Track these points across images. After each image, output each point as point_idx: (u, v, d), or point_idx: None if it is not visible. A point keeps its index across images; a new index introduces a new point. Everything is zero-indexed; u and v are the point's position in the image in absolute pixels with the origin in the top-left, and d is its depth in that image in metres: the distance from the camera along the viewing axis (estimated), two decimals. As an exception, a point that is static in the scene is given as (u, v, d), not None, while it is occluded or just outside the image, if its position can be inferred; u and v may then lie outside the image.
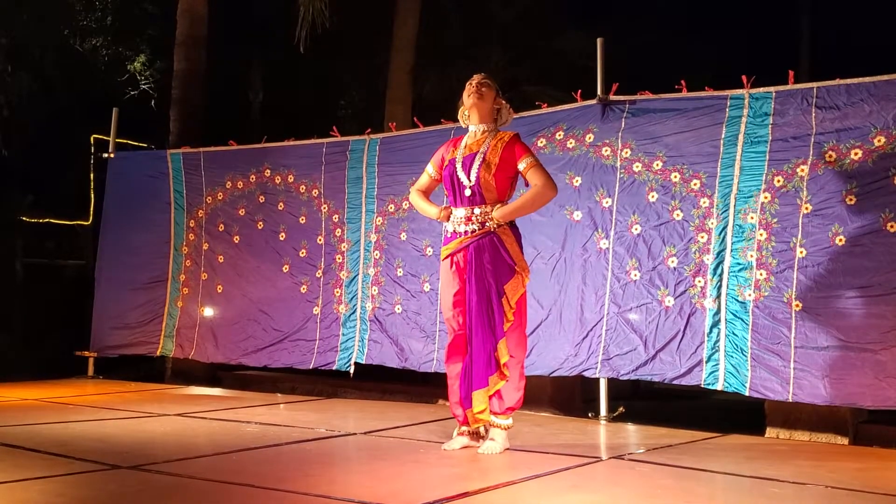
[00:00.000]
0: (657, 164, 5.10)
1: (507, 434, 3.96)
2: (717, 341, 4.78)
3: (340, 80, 12.06)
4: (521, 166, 3.92)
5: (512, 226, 3.98)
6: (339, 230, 6.45)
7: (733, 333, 4.74)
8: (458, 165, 3.99)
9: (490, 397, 3.91)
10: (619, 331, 5.07)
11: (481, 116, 4.05)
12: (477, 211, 3.93)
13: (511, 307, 3.87)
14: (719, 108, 4.95)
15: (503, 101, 4.11)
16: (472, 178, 3.93)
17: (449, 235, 4.04)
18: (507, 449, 3.93)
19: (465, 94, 4.07)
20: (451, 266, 3.99)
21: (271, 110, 12.10)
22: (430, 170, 4.22)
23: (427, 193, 4.25)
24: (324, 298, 6.42)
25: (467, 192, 3.95)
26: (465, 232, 3.94)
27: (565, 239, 5.36)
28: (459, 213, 3.98)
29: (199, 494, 3.17)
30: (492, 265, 3.88)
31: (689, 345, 4.85)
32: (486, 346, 3.86)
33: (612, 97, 5.31)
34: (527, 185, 3.96)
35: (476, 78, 4.08)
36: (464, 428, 4.00)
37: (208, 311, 6.98)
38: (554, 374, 5.29)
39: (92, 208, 9.67)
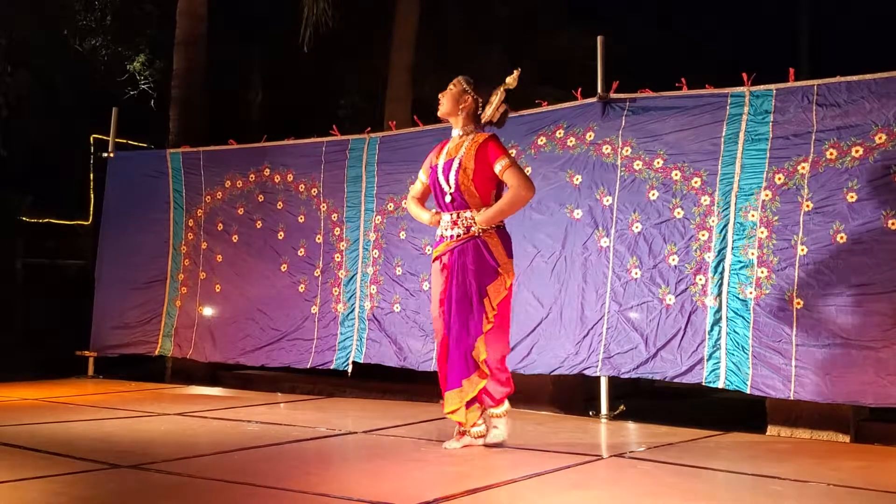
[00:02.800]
0: (658, 162, 5.10)
1: (508, 418, 4.01)
2: (718, 339, 4.77)
3: (340, 79, 12.04)
4: (497, 169, 3.91)
5: (499, 230, 3.98)
6: (337, 229, 6.44)
7: (734, 331, 4.73)
8: (440, 172, 4.03)
9: (480, 395, 3.92)
10: (620, 329, 5.06)
11: (452, 121, 4.08)
12: (464, 215, 3.96)
13: (493, 308, 3.89)
14: (720, 105, 4.94)
15: (472, 97, 4.01)
16: (452, 184, 3.95)
17: (438, 239, 4.08)
18: (506, 442, 3.97)
19: None
20: (440, 267, 4.03)
21: (271, 109, 12.09)
22: (422, 176, 4.26)
23: (422, 200, 4.27)
24: (322, 297, 6.41)
25: (448, 199, 3.99)
26: (452, 236, 3.98)
27: (566, 237, 5.35)
28: (446, 217, 4.02)
29: (200, 493, 3.16)
30: (475, 266, 3.90)
31: (689, 343, 4.84)
32: (461, 347, 3.88)
33: (613, 95, 5.30)
34: (506, 185, 3.96)
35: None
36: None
37: (207, 311, 6.97)
38: (554, 373, 5.28)
39: (92, 208, 9.67)
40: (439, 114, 4.13)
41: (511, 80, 4.03)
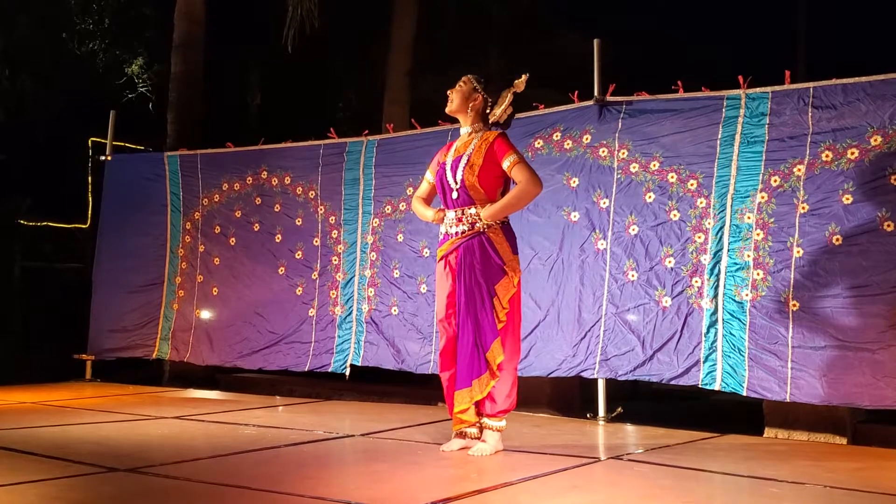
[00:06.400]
0: (654, 165, 5.11)
1: (500, 436, 3.94)
2: (715, 341, 4.78)
3: (338, 82, 12.05)
4: (505, 165, 3.91)
5: (504, 227, 3.97)
6: (335, 232, 6.44)
7: (730, 333, 4.73)
8: (448, 168, 4.03)
9: (482, 399, 3.89)
10: (617, 331, 5.07)
11: (461, 118, 4.09)
12: (468, 211, 3.95)
13: (503, 307, 3.88)
14: (716, 108, 4.96)
15: (482, 96, 4.02)
16: (458, 180, 3.95)
17: (442, 237, 4.07)
18: (501, 451, 3.91)
19: None
20: (445, 267, 4.02)
21: (269, 112, 12.09)
22: (428, 176, 4.26)
23: (428, 200, 4.27)
24: (319, 300, 6.41)
25: (454, 195, 3.98)
26: (456, 233, 3.97)
27: (563, 240, 5.36)
28: (451, 214, 4.01)
29: (197, 497, 3.16)
30: (482, 265, 3.89)
31: (686, 345, 4.85)
32: (470, 347, 3.85)
33: (609, 98, 5.31)
34: (513, 182, 3.96)
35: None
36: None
37: (204, 314, 6.97)
38: (552, 375, 5.28)
39: (90, 211, 9.66)
40: (448, 110, 4.11)
41: (519, 84, 4.03)
